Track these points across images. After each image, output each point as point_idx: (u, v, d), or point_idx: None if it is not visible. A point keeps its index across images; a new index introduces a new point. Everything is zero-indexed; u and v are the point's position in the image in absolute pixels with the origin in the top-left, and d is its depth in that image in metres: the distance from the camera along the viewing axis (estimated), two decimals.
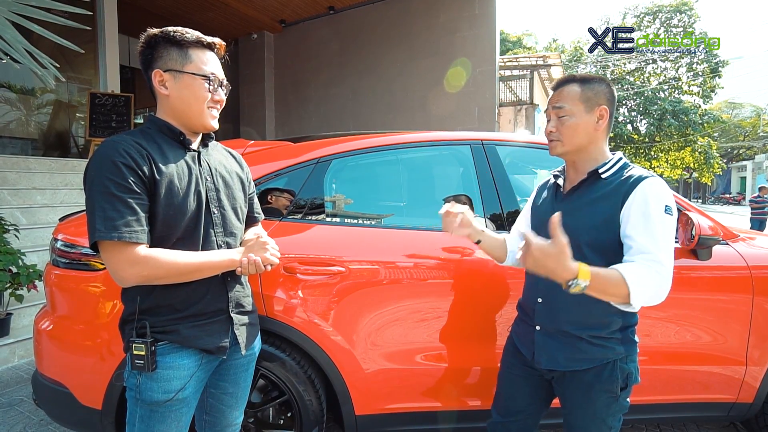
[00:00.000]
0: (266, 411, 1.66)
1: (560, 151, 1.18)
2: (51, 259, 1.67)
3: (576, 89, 1.15)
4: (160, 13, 7.41)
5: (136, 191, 0.94)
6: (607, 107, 1.15)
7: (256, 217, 1.29)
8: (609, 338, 1.14)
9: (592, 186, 1.15)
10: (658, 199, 1.06)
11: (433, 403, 1.70)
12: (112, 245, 0.93)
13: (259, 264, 1.07)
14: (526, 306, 1.29)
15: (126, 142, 0.97)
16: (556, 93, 1.19)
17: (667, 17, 22.04)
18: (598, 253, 1.11)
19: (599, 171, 1.14)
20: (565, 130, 1.15)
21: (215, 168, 1.13)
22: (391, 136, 1.88)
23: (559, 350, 1.17)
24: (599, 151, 1.17)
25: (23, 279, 2.86)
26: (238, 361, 1.19)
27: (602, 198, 1.11)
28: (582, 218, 1.13)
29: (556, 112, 1.17)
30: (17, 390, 2.59)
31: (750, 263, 1.77)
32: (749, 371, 1.78)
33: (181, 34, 1.03)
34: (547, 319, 1.20)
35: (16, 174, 4.54)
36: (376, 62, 7.50)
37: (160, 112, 1.08)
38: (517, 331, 1.33)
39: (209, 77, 1.04)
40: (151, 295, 1.02)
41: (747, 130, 32.45)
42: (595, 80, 1.17)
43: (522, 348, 1.29)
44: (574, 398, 1.19)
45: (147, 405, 1.03)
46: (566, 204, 1.19)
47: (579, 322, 1.14)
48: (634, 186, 1.08)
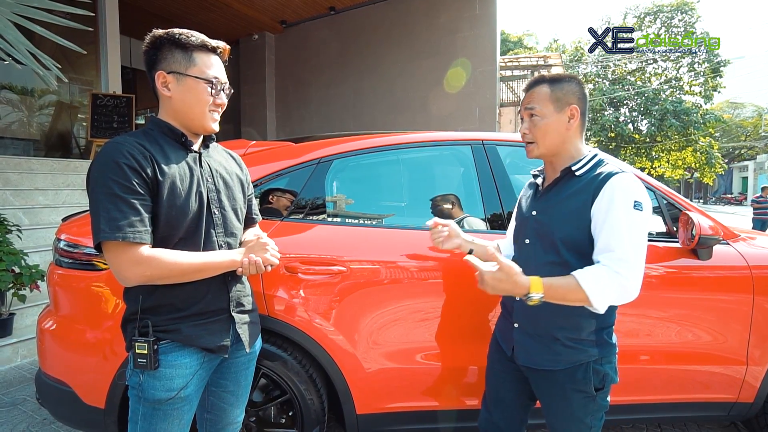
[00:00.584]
0: (268, 410, 1.67)
1: (537, 154, 1.20)
2: (54, 259, 1.68)
3: (545, 90, 1.16)
4: (161, 14, 7.42)
5: (139, 192, 0.95)
6: (577, 106, 1.16)
7: (254, 219, 1.30)
8: (583, 340, 1.14)
9: (566, 183, 1.16)
10: (626, 194, 1.05)
11: (434, 402, 1.71)
12: (115, 246, 0.94)
13: (259, 264, 1.08)
14: (507, 303, 1.31)
15: (129, 144, 0.98)
16: (527, 94, 1.21)
17: (668, 17, 22.01)
18: (572, 250, 1.12)
19: (572, 168, 1.15)
20: (537, 131, 1.16)
21: (216, 169, 1.14)
22: (392, 136, 1.89)
23: (535, 349, 1.19)
24: (575, 149, 1.18)
25: (26, 279, 2.87)
26: (238, 360, 1.20)
27: (574, 194, 1.13)
28: (555, 215, 1.15)
29: (528, 113, 1.18)
30: (20, 389, 2.60)
31: (750, 263, 1.77)
32: (750, 371, 1.78)
33: (187, 37, 1.04)
34: (524, 319, 1.22)
35: (19, 175, 4.55)
36: (377, 62, 7.50)
37: (162, 114, 1.08)
38: (500, 327, 1.36)
39: (212, 81, 1.05)
40: (153, 295, 1.03)
41: (748, 130, 32.37)
42: (564, 80, 1.18)
43: (502, 344, 1.31)
44: (550, 397, 1.20)
45: (149, 403, 1.04)
46: (543, 202, 1.21)
47: (553, 324, 1.16)
48: (603, 182, 1.08)
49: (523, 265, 1.18)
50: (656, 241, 1.79)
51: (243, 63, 8.60)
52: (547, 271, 1.14)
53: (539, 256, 1.18)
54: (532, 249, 1.21)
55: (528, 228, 1.23)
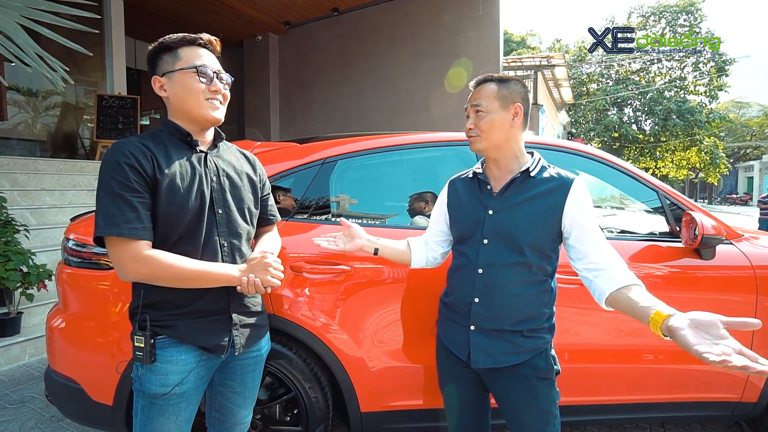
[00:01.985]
0: (273, 408, 1.69)
1: (480, 146, 1.22)
2: (63, 258, 1.70)
3: (493, 87, 1.20)
4: (165, 16, 7.47)
5: (137, 190, 0.98)
6: (521, 105, 1.20)
7: (271, 219, 1.31)
8: (540, 329, 1.19)
9: (523, 184, 1.19)
10: (588, 198, 1.17)
11: (437, 401, 1.72)
12: (114, 241, 0.98)
13: (258, 285, 1.06)
14: (457, 306, 1.26)
15: (131, 144, 1.02)
16: (474, 92, 1.24)
17: (673, 17, 21.91)
18: (534, 250, 1.16)
19: (529, 169, 1.19)
20: (482, 126, 1.19)
21: (223, 168, 1.15)
22: (395, 136, 1.90)
23: (495, 347, 1.18)
24: (517, 147, 1.22)
25: (33, 278, 2.90)
26: (245, 361, 1.21)
27: (539, 197, 1.17)
28: (521, 218, 1.17)
29: (474, 109, 1.21)
30: (28, 387, 2.63)
31: (754, 263, 1.77)
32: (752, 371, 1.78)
33: (170, 38, 1.08)
34: (484, 319, 1.19)
35: (26, 175, 4.60)
36: (380, 63, 7.52)
37: (170, 116, 1.12)
38: (447, 333, 1.30)
39: (197, 68, 1.06)
40: (153, 291, 1.06)
41: (754, 129, 32.15)
42: (511, 81, 1.22)
43: (454, 349, 1.26)
44: (516, 394, 1.19)
45: (147, 397, 1.06)
46: (500, 202, 1.20)
47: (516, 318, 1.17)
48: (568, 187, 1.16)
49: (485, 266, 1.19)
50: (659, 241, 1.79)
51: (247, 64, 8.64)
52: (511, 271, 1.17)
53: (502, 255, 1.17)
54: (492, 249, 1.19)
55: (484, 227, 1.20)
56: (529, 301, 1.18)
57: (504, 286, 1.17)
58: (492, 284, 1.18)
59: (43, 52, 2.25)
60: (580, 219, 1.14)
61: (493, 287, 1.18)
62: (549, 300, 1.21)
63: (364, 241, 1.35)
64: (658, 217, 1.89)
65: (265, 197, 1.29)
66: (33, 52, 2.23)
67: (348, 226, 1.37)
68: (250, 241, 1.22)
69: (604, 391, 1.78)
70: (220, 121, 1.13)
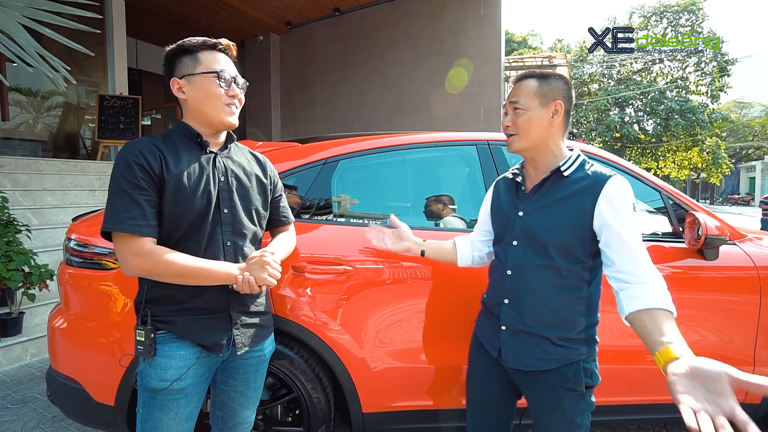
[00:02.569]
0: (275, 408, 1.69)
1: (518, 147, 1.17)
2: (65, 258, 1.70)
3: (533, 83, 1.15)
4: (167, 16, 7.47)
5: (144, 188, 1.01)
6: (562, 102, 1.14)
7: (283, 220, 1.32)
8: (574, 339, 1.13)
9: (555, 185, 1.14)
10: (625, 199, 1.06)
11: (439, 402, 1.72)
12: (119, 236, 1.01)
13: (252, 284, 1.06)
14: (491, 306, 1.27)
15: (141, 144, 1.05)
16: (514, 88, 1.19)
17: (674, 17, 21.87)
18: (563, 253, 1.11)
19: (561, 169, 1.13)
20: (520, 124, 1.14)
21: (231, 169, 1.16)
22: (397, 136, 1.90)
23: (524, 350, 1.16)
24: (557, 147, 1.16)
25: (35, 278, 2.91)
26: (247, 361, 1.21)
27: (568, 198, 1.11)
28: (548, 219, 1.13)
29: (513, 106, 1.17)
30: (30, 387, 2.64)
31: (758, 263, 1.76)
32: (757, 372, 1.77)
33: (189, 41, 1.11)
34: (513, 320, 1.18)
35: (27, 175, 4.61)
36: (382, 63, 7.51)
37: (185, 117, 1.15)
38: (482, 329, 1.31)
39: (218, 73, 1.09)
40: (156, 286, 1.08)
41: (756, 129, 32.08)
42: (553, 77, 1.16)
43: (487, 346, 1.26)
44: (541, 398, 1.18)
45: (146, 391, 1.08)
46: (530, 203, 1.17)
47: (545, 323, 1.14)
48: (601, 187, 1.07)
49: (513, 268, 1.18)
50: (662, 241, 1.78)
51: (248, 64, 8.65)
52: (538, 274, 1.14)
53: (530, 258, 1.15)
54: (521, 251, 1.17)
55: (514, 229, 1.19)
56: (558, 306, 1.12)
57: (532, 289, 1.14)
58: (519, 286, 1.16)
59: (45, 51, 2.25)
60: (611, 222, 1.05)
61: (520, 289, 1.16)
62: (585, 308, 1.13)
63: (411, 244, 1.36)
64: (661, 217, 1.88)
65: (277, 198, 1.30)
66: (35, 52, 2.23)
67: (398, 225, 1.37)
68: (257, 241, 1.22)
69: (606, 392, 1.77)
70: (235, 126, 1.15)
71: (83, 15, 2.31)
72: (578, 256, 1.11)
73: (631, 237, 1.05)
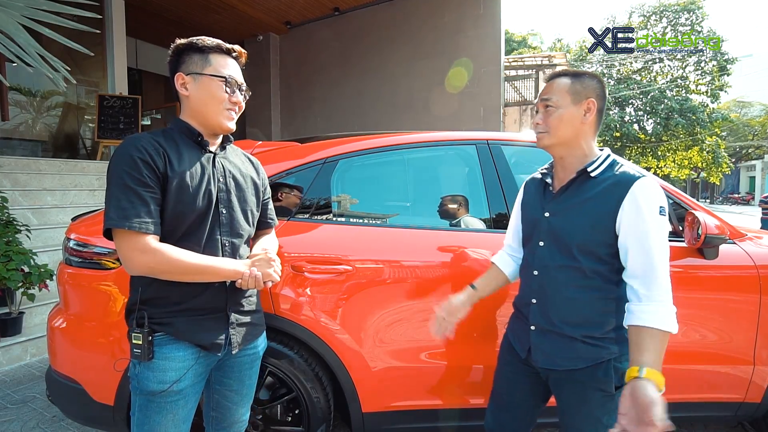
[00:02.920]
0: (274, 408, 1.69)
1: (547, 142, 1.16)
2: (64, 258, 1.70)
3: (566, 81, 1.14)
4: (166, 16, 7.46)
5: (149, 185, 1.00)
6: (595, 101, 1.13)
7: (269, 223, 1.32)
8: (603, 338, 1.12)
9: (582, 185, 1.13)
10: (651, 201, 1.04)
11: (439, 401, 1.72)
12: (124, 233, 0.99)
13: (259, 279, 1.10)
14: (521, 305, 1.28)
15: (144, 139, 1.04)
16: (546, 86, 1.18)
17: (674, 16, 21.86)
18: (588, 255, 1.10)
19: (588, 169, 1.11)
20: (551, 121, 1.14)
21: (229, 170, 1.17)
22: (396, 136, 1.90)
23: (554, 349, 1.17)
24: (587, 147, 1.15)
25: (35, 278, 2.91)
26: (241, 359, 1.21)
27: (593, 199, 1.10)
28: (573, 220, 1.12)
29: (544, 104, 1.16)
30: (30, 387, 2.64)
31: (757, 262, 1.76)
32: (757, 371, 1.77)
33: (203, 41, 1.11)
34: (541, 319, 1.19)
35: (27, 175, 4.61)
36: (382, 63, 7.51)
37: (183, 114, 1.14)
38: (513, 329, 1.32)
39: (226, 78, 1.10)
40: (151, 287, 1.06)
41: (756, 129, 32.06)
42: (586, 75, 1.16)
43: (516, 346, 1.27)
44: (569, 397, 1.18)
45: (144, 394, 1.07)
46: (556, 204, 1.17)
47: (572, 323, 1.14)
48: (627, 188, 1.05)
49: (541, 269, 1.18)
50: None
51: (248, 64, 8.45)
52: (563, 274, 1.14)
53: (555, 258, 1.15)
54: (547, 252, 1.17)
55: (541, 230, 1.19)
56: (585, 306, 1.12)
57: (558, 290, 1.14)
58: (546, 286, 1.17)
59: (45, 52, 2.25)
60: (632, 225, 1.04)
61: (547, 289, 1.17)
62: (616, 308, 1.12)
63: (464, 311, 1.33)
64: None
65: (266, 201, 1.31)
66: (35, 52, 2.23)
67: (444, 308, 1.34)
68: (248, 242, 1.24)
69: None
70: (232, 131, 1.16)
71: (83, 15, 2.31)
72: (603, 257, 1.10)
73: (650, 243, 1.03)
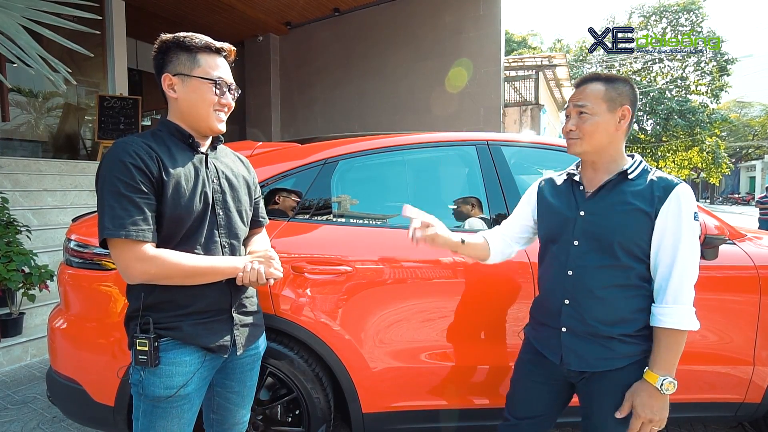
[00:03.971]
0: (275, 408, 1.69)
1: (579, 150, 1.16)
2: (64, 259, 1.70)
3: (600, 88, 1.14)
4: (166, 17, 7.47)
5: (144, 191, 0.97)
6: (629, 107, 1.14)
7: (261, 222, 1.31)
8: (636, 335, 1.13)
9: (619, 186, 1.14)
10: (689, 206, 1.09)
11: (439, 402, 1.72)
12: (120, 243, 0.96)
13: (261, 274, 1.09)
14: (548, 308, 1.24)
15: (136, 144, 1.00)
16: (578, 90, 1.17)
17: (674, 16, 21.88)
18: (628, 252, 1.11)
19: (627, 171, 1.14)
20: (586, 128, 1.14)
21: (222, 171, 1.15)
22: (397, 137, 1.90)
23: (588, 351, 1.15)
24: (617, 151, 1.17)
25: (35, 279, 2.91)
26: (243, 360, 1.21)
27: (634, 198, 1.11)
28: (614, 218, 1.13)
29: (578, 110, 1.15)
30: (30, 387, 2.64)
31: (757, 263, 1.76)
32: (757, 371, 1.77)
33: (191, 39, 1.06)
34: (575, 320, 1.17)
35: (27, 176, 4.61)
36: (382, 63, 7.51)
37: (171, 115, 1.11)
38: (537, 337, 1.29)
39: (216, 81, 1.07)
40: (154, 292, 1.04)
41: (756, 129, 32.06)
42: (619, 80, 1.16)
43: (546, 352, 1.24)
44: (602, 399, 1.16)
45: (150, 400, 1.05)
46: (593, 204, 1.17)
47: (608, 321, 1.13)
48: (668, 191, 1.09)
49: (576, 269, 1.17)
50: None
51: (248, 64, 8.65)
52: (605, 274, 1.14)
53: (595, 259, 1.15)
54: (583, 251, 1.16)
55: (575, 229, 1.18)
56: (619, 304, 1.13)
57: (593, 289, 1.14)
58: (581, 286, 1.16)
59: (46, 53, 2.25)
60: (671, 227, 1.08)
61: (582, 289, 1.16)
62: (647, 306, 1.13)
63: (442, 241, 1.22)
64: None
65: (257, 200, 1.30)
66: (36, 53, 2.23)
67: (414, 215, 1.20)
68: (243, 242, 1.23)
69: None
70: (223, 132, 1.13)
71: (83, 16, 2.32)
72: (640, 256, 1.12)
73: (682, 247, 1.07)
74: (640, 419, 1.09)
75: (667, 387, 1.07)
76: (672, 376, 1.08)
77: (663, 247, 1.09)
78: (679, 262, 1.07)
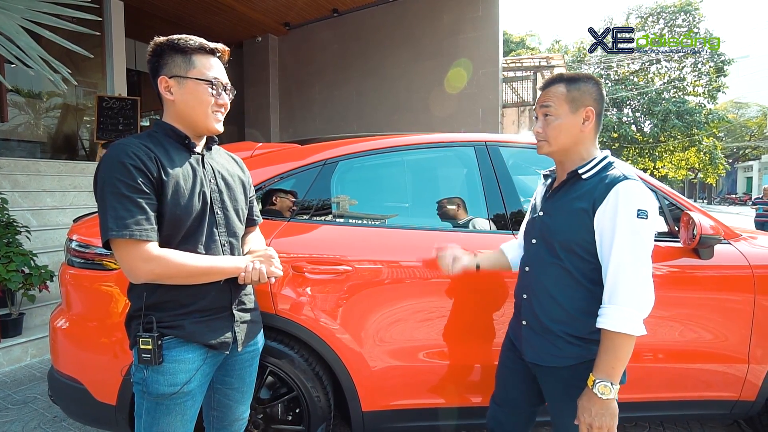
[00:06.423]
0: (275, 407, 1.70)
1: (546, 151, 1.19)
2: (66, 259, 1.71)
3: (562, 89, 1.15)
4: (165, 17, 7.47)
5: (145, 191, 0.98)
6: (593, 108, 1.14)
7: (255, 220, 1.33)
8: (585, 338, 1.13)
9: (572, 186, 1.16)
10: (630, 203, 1.04)
11: (438, 400, 1.73)
12: (124, 243, 0.97)
13: (263, 273, 1.11)
14: (515, 302, 1.34)
15: (134, 145, 1.01)
16: (543, 93, 1.20)
17: (671, 17, 21.96)
18: (569, 251, 1.13)
19: (579, 171, 1.14)
20: (550, 131, 1.16)
21: (218, 170, 1.17)
22: (395, 137, 1.92)
23: (540, 345, 1.20)
24: (587, 151, 1.17)
25: (35, 280, 2.91)
26: (242, 356, 1.23)
27: (578, 198, 1.12)
28: (558, 218, 1.16)
29: (543, 112, 1.18)
30: (31, 388, 2.64)
31: (752, 262, 1.78)
32: (751, 369, 1.79)
33: (185, 41, 1.07)
34: (530, 315, 1.23)
35: (27, 177, 4.61)
36: (380, 64, 7.53)
37: (167, 117, 1.12)
38: (512, 326, 1.37)
39: (212, 82, 1.08)
40: (156, 291, 1.06)
41: (753, 129, 32.19)
42: (582, 79, 1.16)
43: (516, 342, 1.32)
44: (554, 394, 1.21)
45: (153, 398, 1.07)
46: (550, 204, 1.21)
47: (556, 320, 1.16)
48: (608, 189, 1.07)
49: (531, 266, 1.23)
50: (658, 240, 1.80)
51: (247, 65, 8.65)
52: (550, 271, 1.17)
53: (543, 257, 1.19)
54: (537, 250, 1.22)
55: (535, 228, 1.25)
56: (568, 304, 1.14)
57: (547, 287, 1.18)
58: (537, 283, 1.21)
59: (47, 54, 2.26)
60: (607, 227, 1.05)
61: (537, 286, 1.21)
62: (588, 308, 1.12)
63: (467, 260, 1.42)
64: (657, 217, 1.90)
65: (251, 198, 1.31)
66: (36, 54, 2.24)
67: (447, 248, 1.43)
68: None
69: None
70: (220, 132, 1.14)
71: (82, 17, 2.33)
72: (584, 256, 1.11)
73: (622, 246, 1.03)
74: (582, 423, 1.06)
75: (601, 390, 1.02)
76: (611, 379, 1.03)
77: (603, 246, 1.07)
78: (614, 261, 1.04)
